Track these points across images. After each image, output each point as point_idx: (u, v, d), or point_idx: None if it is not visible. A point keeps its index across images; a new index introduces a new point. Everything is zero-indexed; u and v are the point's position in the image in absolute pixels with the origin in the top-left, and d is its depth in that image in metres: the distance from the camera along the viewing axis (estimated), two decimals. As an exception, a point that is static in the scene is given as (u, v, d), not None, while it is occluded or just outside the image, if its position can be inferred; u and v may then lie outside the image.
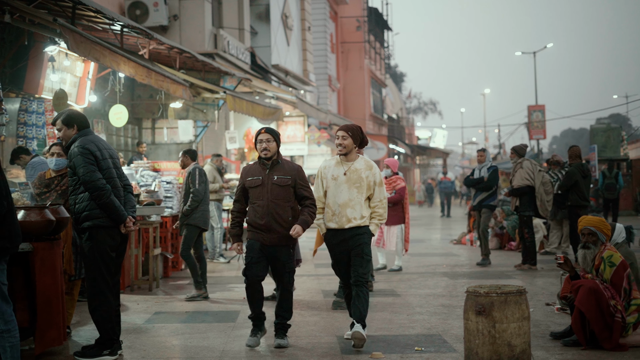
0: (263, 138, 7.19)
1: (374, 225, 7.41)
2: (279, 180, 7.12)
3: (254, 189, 7.17)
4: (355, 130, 7.49)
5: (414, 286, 11.09)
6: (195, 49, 18.22)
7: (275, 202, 7.08)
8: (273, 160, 7.20)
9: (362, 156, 7.60)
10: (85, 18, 12.11)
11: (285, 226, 7.08)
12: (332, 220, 7.37)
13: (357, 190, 7.33)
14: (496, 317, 6.00)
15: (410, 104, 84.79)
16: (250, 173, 7.24)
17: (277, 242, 7.10)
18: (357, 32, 45.93)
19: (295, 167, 7.32)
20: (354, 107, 46.27)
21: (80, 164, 6.63)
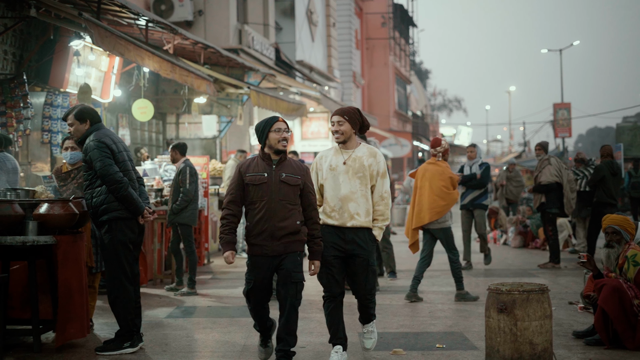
0: (281, 127, 6.10)
1: (377, 230, 6.36)
2: (288, 179, 6.05)
3: (255, 187, 6.02)
4: (352, 113, 6.36)
5: (436, 284, 11.05)
6: (219, 44, 18.25)
7: (281, 204, 6.00)
8: (283, 155, 6.16)
9: (365, 143, 6.58)
10: (110, 13, 12.17)
11: (293, 231, 6.02)
12: (331, 217, 6.29)
13: (360, 182, 6.27)
14: (518, 315, 5.96)
15: (435, 101, 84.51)
16: (252, 168, 6.09)
17: (284, 250, 6.03)
18: (382, 28, 45.79)
19: (304, 167, 6.25)
20: (378, 103, 46.16)
21: (97, 158, 6.66)
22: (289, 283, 6.02)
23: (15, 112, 10.81)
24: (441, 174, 9.43)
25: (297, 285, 6.04)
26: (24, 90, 10.65)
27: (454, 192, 9.51)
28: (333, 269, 6.28)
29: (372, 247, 6.37)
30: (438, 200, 9.37)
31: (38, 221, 6.60)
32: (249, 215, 6.10)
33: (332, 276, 6.31)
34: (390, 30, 46.59)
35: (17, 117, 10.84)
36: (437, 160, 9.55)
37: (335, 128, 6.37)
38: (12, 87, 10.73)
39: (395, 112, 48.87)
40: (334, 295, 6.33)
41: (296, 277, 6.03)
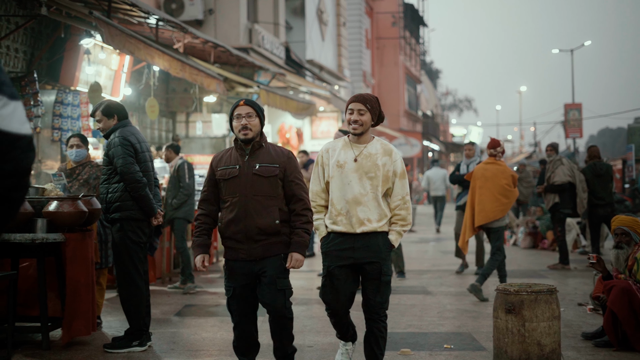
0: (242, 112, 5.26)
1: (395, 234, 5.48)
2: (262, 170, 5.23)
3: (227, 182, 5.27)
4: (374, 102, 5.50)
5: (445, 284, 11.04)
6: (230, 43, 18.27)
7: (255, 199, 5.19)
8: (254, 142, 5.30)
9: (379, 138, 5.66)
10: (121, 11, 12.19)
11: (271, 231, 5.20)
12: (338, 222, 5.45)
13: (371, 182, 5.40)
14: (526, 316, 5.94)
15: (446, 101, 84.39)
16: (224, 161, 5.36)
17: (262, 254, 5.22)
18: (393, 28, 45.78)
19: (285, 152, 5.40)
20: (388, 103, 46.12)
21: (120, 155, 6.68)
22: (274, 292, 5.23)
23: (26, 110, 10.85)
24: (503, 172, 9.64)
25: (284, 293, 5.26)
26: (35, 88, 10.69)
27: (515, 190, 9.72)
28: (338, 281, 5.45)
29: (386, 254, 5.47)
30: (502, 198, 9.57)
31: (47, 219, 6.62)
32: (221, 215, 5.36)
33: (336, 291, 5.49)
34: (400, 29, 46.56)
35: (28, 115, 10.88)
36: (497, 159, 9.77)
37: (355, 117, 5.42)
38: (22, 85, 10.76)
39: (406, 112, 48.83)
40: (337, 313, 5.62)
41: (281, 284, 5.24)
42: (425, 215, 29.16)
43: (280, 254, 5.27)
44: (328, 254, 5.53)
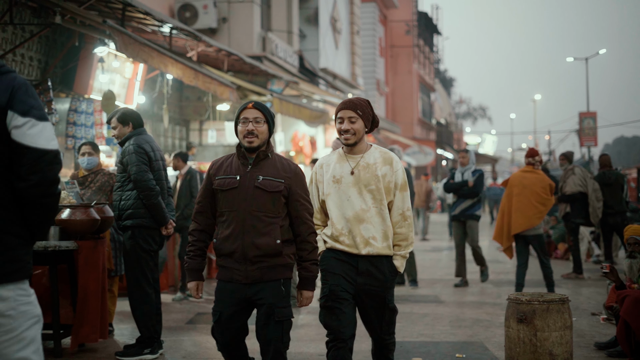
0: (249, 116, 4.63)
1: (399, 259, 4.99)
2: (265, 184, 4.59)
3: (225, 193, 4.64)
4: (365, 106, 4.98)
5: (458, 293, 11.00)
6: (243, 51, 18.33)
7: (255, 215, 4.56)
8: (260, 152, 4.66)
9: (377, 146, 5.13)
10: (135, 20, 12.25)
11: (271, 252, 4.56)
12: (341, 241, 4.93)
13: (372, 196, 4.90)
14: (538, 326, 5.92)
15: (460, 109, 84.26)
16: (223, 169, 4.71)
17: (260, 278, 4.57)
18: (407, 36, 45.80)
19: (292, 167, 4.74)
20: (402, 111, 46.11)
21: (134, 162, 6.71)
22: (272, 322, 4.57)
23: (40, 118, 10.88)
24: (541, 181, 9.73)
25: (282, 325, 4.59)
26: (49, 97, 10.74)
27: (552, 198, 9.83)
28: (340, 305, 4.89)
29: (391, 282, 5.01)
30: (539, 206, 9.66)
31: (60, 226, 6.65)
32: (217, 230, 4.73)
33: (338, 314, 4.90)
34: (414, 38, 46.57)
35: (42, 123, 10.90)
36: (535, 168, 9.88)
37: (346, 126, 4.91)
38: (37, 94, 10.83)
39: (419, 120, 48.79)
40: (342, 339, 4.87)
41: (280, 314, 4.58)
42: (439, 223, 29.09)
43: (281, 279, 4.61)
44: (328, 272, 4.95)
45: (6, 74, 3.14)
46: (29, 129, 3.04)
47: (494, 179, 35.29)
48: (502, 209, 9.91)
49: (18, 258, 3.09)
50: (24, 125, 3.03)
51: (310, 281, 4.71)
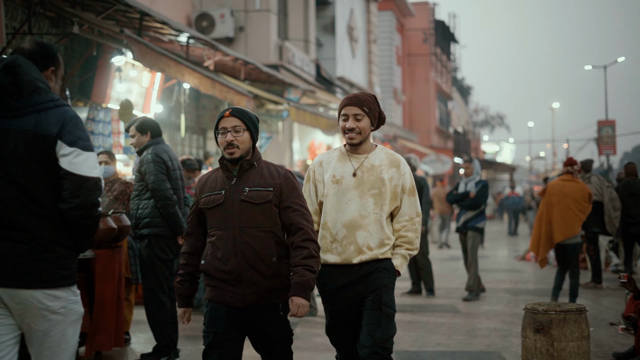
0: (227, 125, 4.24)
1: (399, 258, 4.54)
2: (252, 195, 4.21)
3: (212, 212, 4.28)
4: (372, 102, 4.56)
5: (475, 302, 10.94)
6: (260, 60, 18.38)
7: (246, 232, 4.18)
8: (243, 162, 4.27)
9: (383, 147, 4.69)
10: (152, 29, 12.32)
11: (267, 273, 4.18)
12: (332, 250, 4.51)
13: (374, 201, 4.47)
14: (555, 336, 5.87)
15: (477, 118, 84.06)
16: (208, 186, 4.35)
17: (256, 301, 4.20)
18: (424, 44, 45.78)
19: (282, 172, 4.34)
20: (419, 119, 46.06)
21: (152, 171, 6.74)
22: (273, 351, 4.34)
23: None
24: (581, 190, 9.78)
25: (283, 352, 4.35)
26: (67, 106, 10.82)
27: (589, 206, 9.87)
28: (344, 325, 4.62)
29: (389, 280, 4.50)
30: (580, 214, 9.71)
31: (77, 235, 6.67)
32: (205, 250, 4.34)
33: (343, 339, 4.69)
34: (431, 46, 46.55)
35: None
36: (574, 177, 9.94)
37: (351, 124, 4.50)
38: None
39: (437, 129, 48.71)
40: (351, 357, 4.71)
41: (280, 341, 4.32)
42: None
43: (279, 303, 4.26)
44: (326, 294, 4.59)
45: (60, 107, 3.58)
46: (74, 157, 3.48)
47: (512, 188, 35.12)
48: (539, 217, 9.90)
49: (68, 266, 3.58)
50: (70, 154, 3.48)
51: (303, 287, 4.11)
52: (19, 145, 3.45)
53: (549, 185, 10.05)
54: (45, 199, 3.49)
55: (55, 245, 3.52)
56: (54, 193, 3.51)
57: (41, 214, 3.48)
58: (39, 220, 3.48)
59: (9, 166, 3.45)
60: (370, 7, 32.15)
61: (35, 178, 3.48)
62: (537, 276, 14.27)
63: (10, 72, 3.52)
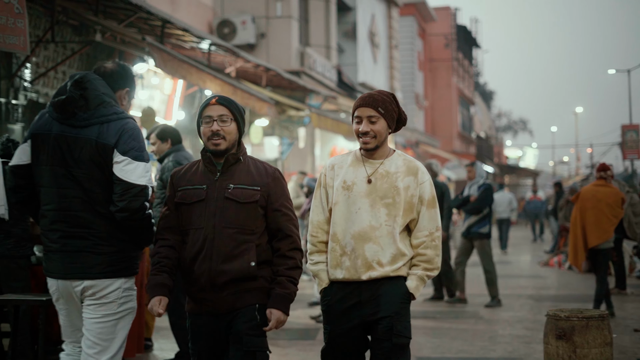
0: (213, 114, 3.92)
1: (415, 280, 4.01)
2: (237, 193, 3.86)
3: (190, 208, 3.91)
4: (389, 102, 4.07)
5: (498, 309, 10.89)
6: (282, 66, 18.43)
7: (226, 233, 3.82)
8: (229, 155, 3.93)
9: (401, 152, 4.20)
10: (174, 36, 12.39)
11: (244, 276, 3.83)
12: (341, 264, 4.01)
13: (387, 211, 3.98)
14: (577, 342, 5.83)
15: (500, 123, 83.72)
16: (187, 179, 3.98)
17: (232, 305, 3.86)
18: (446, 49, 45.69)
19: (270, 171, 4.00)
20: (441, 125, 45.96)
21: None
22: (241, 354, 3.83)
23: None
24: (614, 195, 9.81)
25: (254, 357, 3.85)
26: (89, 113, 10.90)
27: (622, 211, 9.96)
28: (344, 351, 4.07)
29: (402, 307, 4.00)
30: (613, 219, 9.75)
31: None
32: (182, 253, 3.95)
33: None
34: (453, 51, 46.45)
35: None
36: (607, 182, 9.96)
37: (365, 128, 4.03)
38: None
39: (459, 134, 48.58)
40: None
41: (251, 344, 3.84)
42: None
43: (255, 304, 3.87)
44: (329, 312, 4.07)
45: (121, 120, 4.02)
46: (125, 165, 3.92)
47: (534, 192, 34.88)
48: (573, 223, 9.90)
49: (128, 258, 4.05)
50: (122, 162, 3.92)
51: (283, 300, 3.84)
52: (84, 152, 3.94)
53: (582, 190, 10.09)
54: (104, 200, 3.97)
55: (115, 240, 3.99)
56: (110, 195, 3.97)
57: (102, 212, 3.96)
58: (100, 218, 3.96)
59: (76, 170, 3.95)
60: (391, 13, 32.14)
61: (96, 181, 3.96)
62: (560, 282, 14.17)
63: (80, 87, 3.99)
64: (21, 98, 10.17)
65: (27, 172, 4.09)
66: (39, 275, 6.90)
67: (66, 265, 3.97)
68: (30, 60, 10.08)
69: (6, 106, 9.89)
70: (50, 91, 10.93)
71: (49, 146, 3.98)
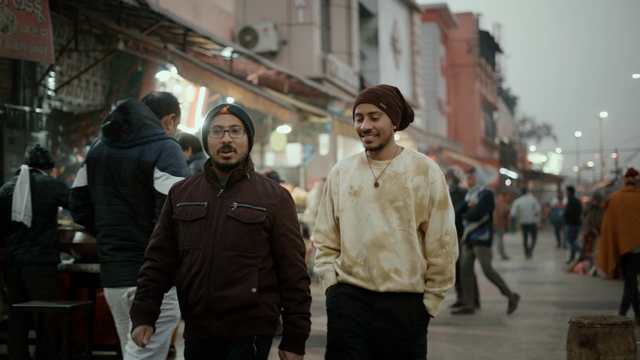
0: (224, 124, 3.53)
1: (432, 299, 3.69)
2: (241, 212, 3.49)
3: (189, 226, 3.53)
4: (392, 97, 3.72)
5: (521, 315, 10.82)
6: (304, 73, 18.46)
7: (226, 255, 3.45)
8: (235, 171, 3.55)
9: (411, 150, 3.84)
10: (196, 44, 12.46)
11: (244, 304, 3.44)
12: (354, 272, 3.69)
13: (399, 215, 3.65)
14: (600, 349, 5.78)
15: (524, 128, 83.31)
16: (187, 194, 3.60)
17: (230, 335, 3.47)
18: (468, 55, 45.57)
19: (279, 192, 3.63)
20: (464, 130, 45.82)
21: None
22: None
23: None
24: None
25: None
26: (113, 121, 10.98)
27: None
28: (350, 356, 3.66)
29: (419, 329, 3.70)
30: None
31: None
32: (178, 275, 3.59)
33: None
34: (476, 57, 46.31)
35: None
36: (636, 187, 9.91)
37: (366, 125, 3.68)
38: (101, 119, 11.07)
39: (482, 140, 48.39)
40: None
41: None
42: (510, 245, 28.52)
43: (253, 335, 3.48)
44: (336, 312, 3.74)
45: (161, 140, 4.42)
46: (164, 180, 4.30)
47: (559, 199, 34.60)
48: (604, 230, 9.85)
49: None
50: (161, 177, 4.32)
51: (297, 340, 3.51)
52: (128, 171, 4.36)
53: (611, 197, 10.02)
54: (147, 215, 4.39)
55: None
56: (152, 209, 4.38)
57: (145, 226, 4.38)
58: (143, 231, 4.37)
59: (123, 188, 4.38)
60: (413, 19, 32.13)
61: (140, 198, 4.38)
62: (585, 289, 14.06)
63: (123, 112, 4.45)
64: (45, 106, 10.28)
65: (85, 194, 4.61)
66: (64, 283, 6.97)
67: (114, 275, 4.42)
68: (54, 69, 10.18)
69: (30, 115, 9.99)
70: (74, 99, 11.03)
71: (101, 168, 4.46)
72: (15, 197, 6.35)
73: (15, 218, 6.36)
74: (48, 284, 6.47)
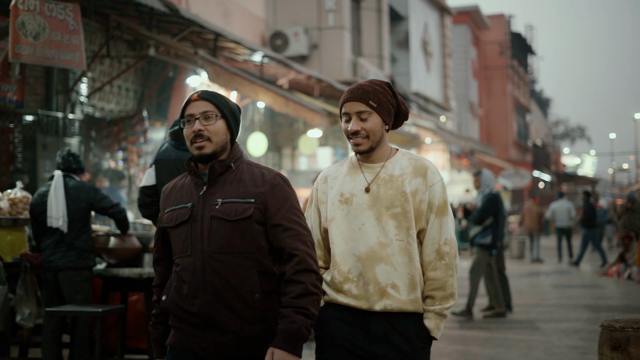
0: (195, 111, 3.04)
1: (434, 318, 3.24)
2: (226, 209, 2.99)
3: (176, 232, 3.07)
4: (382, 93, 3.27)
5: (554, 319, 10.74)
6: (334, 77, 18.48)
7: (218, 259, 2.97)
8: (215, 163, 3.05)
9: (405, 151, 3.41)
10: (226, 49, 12.53)
11: (248, 315, 2.97)
12: (345, 291, 3.23)
13: (397, 223, 3.21)
14: (632, 353, 5.72)
15: (557, 130, 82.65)
16: (173, 197, 3.15)
17: (232, 354, 2.98)
18: (500, 57, 45.34)
19: (269, 177, 3.07)
20: (497, 133, 45.56)
21: None
22: None
23: (137, 147, 11.26)
24: None
25: None
26: (144, 126, 11.08)
27: None
28: None
29: (422, 352, 3.26)
30: None
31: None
32: (171, 284, 3.09)
33: None
34: (508, 59, 46.06)
35: (138, 152, 11.29)
36: None
37: (355, 126, 3.23)
38: (133, 124, 11.18)
39: (515, 142, 48.09)
40: None
41: None
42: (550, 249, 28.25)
43: (258, 357, 2.99)
44: (325, 340, 3.30)
45: None
46: None
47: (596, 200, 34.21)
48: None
49: None
50: None
51: (289, 336, 2.89)
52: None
53: None
54: None
55: None
56: None
57: None
58: None
59: None
60: (444, 21, 32.02)
61: None
62: (619, 292, 13.92)
63: None
64: (78, 112, 10.40)
65: (153, 192, 5.03)
66: (96, 287, 7.05)
67: None
68: (86, 75, 10.30)
69: (63, 121, 10.12)
70: (107, 105, 11.15)
71: (169, 169, 4.88)
72: (50, 203, 6.42)
73: (52, 224, 6.43)
74: (84, 288, 6.54)
